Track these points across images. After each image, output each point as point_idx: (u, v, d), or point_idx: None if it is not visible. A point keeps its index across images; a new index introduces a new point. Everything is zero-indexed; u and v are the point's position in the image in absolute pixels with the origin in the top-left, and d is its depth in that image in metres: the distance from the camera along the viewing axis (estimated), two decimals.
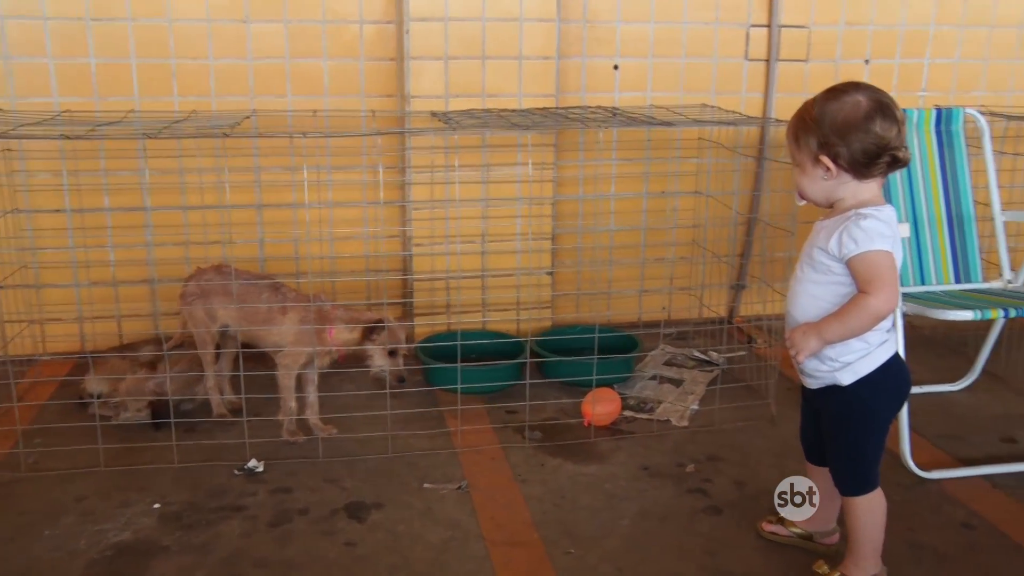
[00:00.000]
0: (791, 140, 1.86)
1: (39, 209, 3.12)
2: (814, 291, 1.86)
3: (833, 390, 1.90)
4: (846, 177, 1.80)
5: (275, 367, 2.63)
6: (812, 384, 1.95)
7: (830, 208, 1.88)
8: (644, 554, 2.13)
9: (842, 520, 2.04)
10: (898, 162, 1.79)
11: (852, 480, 1.94)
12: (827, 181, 1.82)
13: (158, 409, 2.67)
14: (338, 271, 3.21)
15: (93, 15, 3.06)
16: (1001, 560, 2.13)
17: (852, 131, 1.76)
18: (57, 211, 3.07)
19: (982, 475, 2.50)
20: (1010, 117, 3.34)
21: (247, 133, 2.73)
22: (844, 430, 1.93)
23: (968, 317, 2.37)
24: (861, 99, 1.77)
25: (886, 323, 1.85)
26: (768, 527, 2.21)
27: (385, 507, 2.33)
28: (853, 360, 1.85)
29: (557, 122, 2.92)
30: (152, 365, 2.76)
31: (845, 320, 1.80)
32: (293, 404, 2.65)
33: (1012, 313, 2.41)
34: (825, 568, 2.03)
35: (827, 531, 2.15)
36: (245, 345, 2.64)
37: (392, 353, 2.56)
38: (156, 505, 2.30)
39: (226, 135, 2.45)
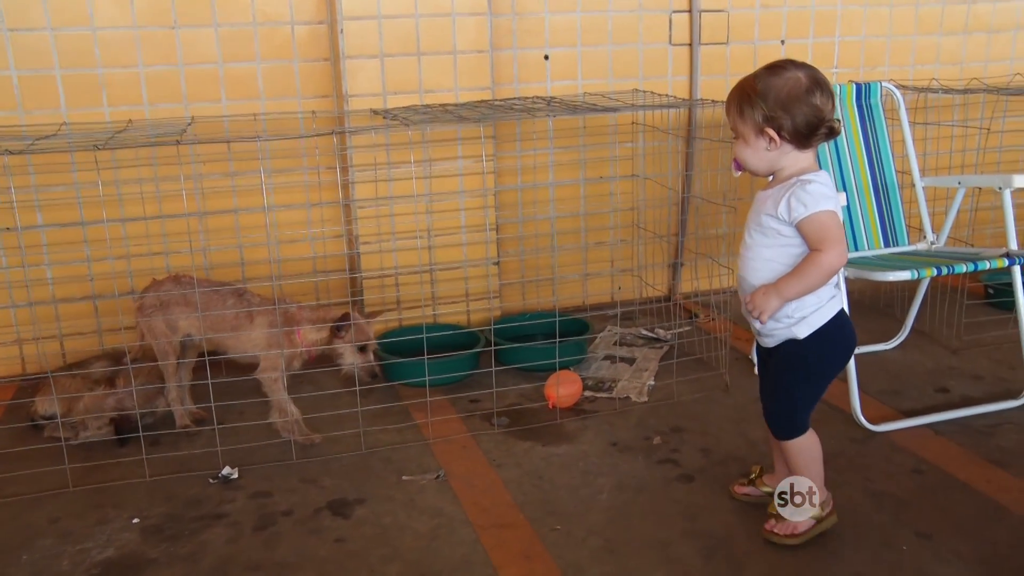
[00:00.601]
0: (734, 114, 1.95)
1: None
2: (767, 255, 1.97)
3: (789, 344, 2.01)
4: (788, 148, 1.92)
5: (240, 374, 2.60)
6: (769, 343, 2.06)
7: (769, 178, 2.00)
8: (627, 524, 2.21)
9: None
10: (833, 132, 1.93)
11: (786, 424, 2.07)
12: (770, 152, 1.93)
13: (121, 425, 2.62)
14: (287, 274, 3.19)
15: (10, 25, 2.96)
16: (952, 498, 2.29)
17: (795, 104, 1.87)
18: (8, 229, 2.96)
19: (924, 424, 2.66)
20: (919, 89, 3.55)
21: (192, 140, 2.69)
22: (787, 376, 2.05)
23: (906, 277, 2.52)
24: (800, 75, 1.89)
25: (833, 279, 1.98)
26: (740, 489, 2.31)
27: (367, 502, 2.34)
28: (808, 314, 1.97)
29: (502, 114, 2.96)
30: (110, 381, 2.70)
31: (802, 277, 1.92)
32: (294, 408, 2.62)
33: (944, 271, 2.58)
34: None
35: None
36: (211, 353, 2.61)
37: (362, 349, 2.57)
38: (135, 520, 2.26)
39: (179, 142, 2.42)
